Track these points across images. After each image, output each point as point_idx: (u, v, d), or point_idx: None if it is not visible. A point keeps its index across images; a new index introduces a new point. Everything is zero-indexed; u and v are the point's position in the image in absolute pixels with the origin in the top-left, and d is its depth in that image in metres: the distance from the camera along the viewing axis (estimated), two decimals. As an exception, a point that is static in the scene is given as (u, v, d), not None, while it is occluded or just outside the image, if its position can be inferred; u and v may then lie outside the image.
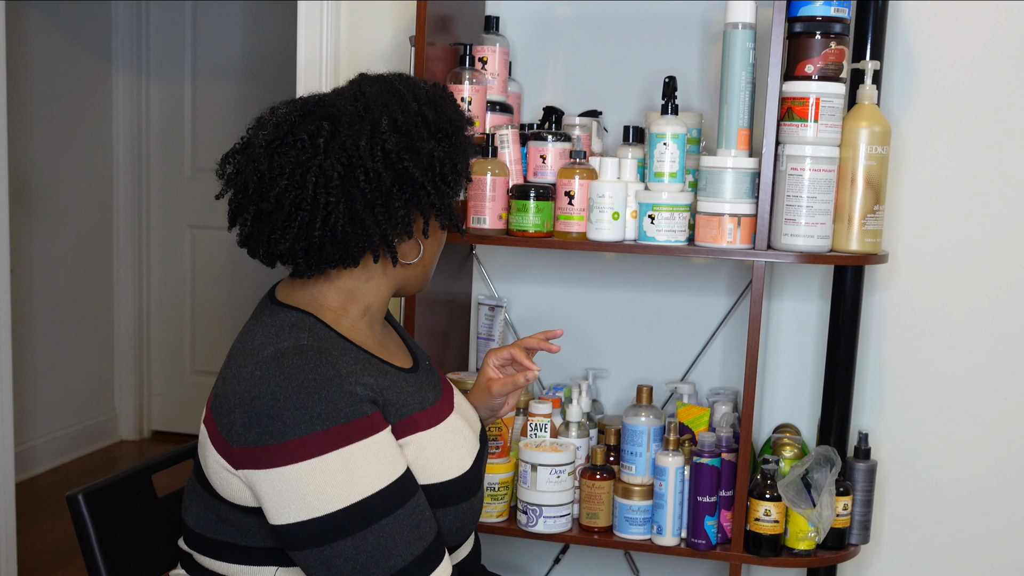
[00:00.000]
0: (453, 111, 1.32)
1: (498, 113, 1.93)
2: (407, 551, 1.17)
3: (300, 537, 1.15)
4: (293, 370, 1.16)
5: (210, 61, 4.00)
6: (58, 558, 2.99)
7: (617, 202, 1.77)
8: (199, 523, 1.28)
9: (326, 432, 1.14)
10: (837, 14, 1.70)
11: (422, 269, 1.36)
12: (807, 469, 1.81)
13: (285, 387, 1.15)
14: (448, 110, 1.31)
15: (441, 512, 1.26)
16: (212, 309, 4.10)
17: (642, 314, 2.15)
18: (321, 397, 1.15)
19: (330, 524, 1.14)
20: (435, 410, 1.31)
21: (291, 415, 1.14)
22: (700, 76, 2.07)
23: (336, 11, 2.21)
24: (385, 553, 1.16)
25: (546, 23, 2.13)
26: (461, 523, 1.29)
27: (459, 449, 1.31)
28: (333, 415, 1.15)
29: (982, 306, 2.02)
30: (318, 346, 1.20)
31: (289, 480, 1.14)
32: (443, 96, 1.32)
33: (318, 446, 1.14)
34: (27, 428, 3.57)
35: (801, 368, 2.09)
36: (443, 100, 1.31)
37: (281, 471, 1.14)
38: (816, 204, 1.72)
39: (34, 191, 3.57)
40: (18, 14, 3.40)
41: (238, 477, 1.19)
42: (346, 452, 1.15)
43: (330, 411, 1.15)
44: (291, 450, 1.14)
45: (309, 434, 1.14)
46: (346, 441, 1.15)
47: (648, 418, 1.84)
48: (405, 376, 1.32)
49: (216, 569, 1.28)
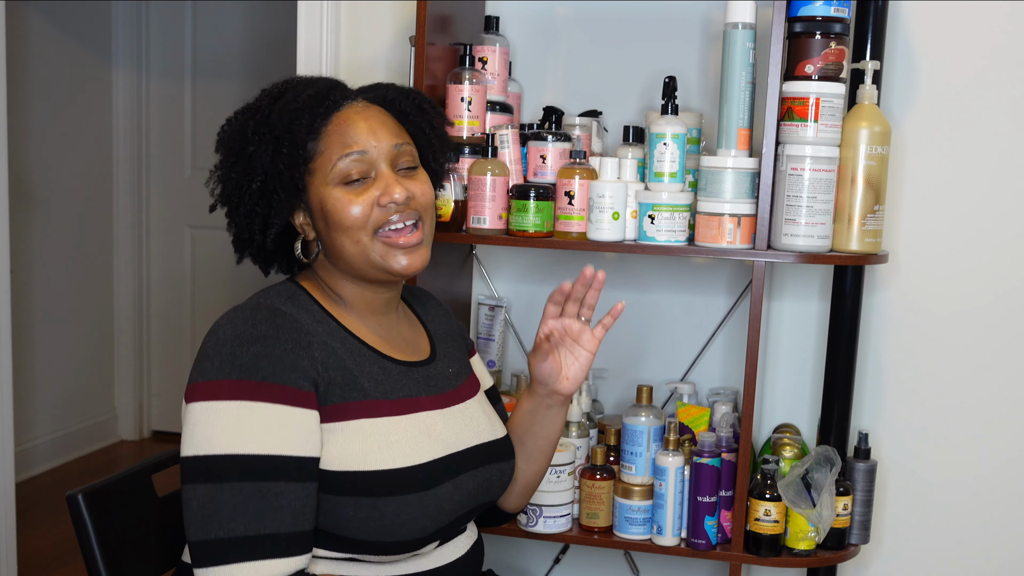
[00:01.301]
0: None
1: (498, 113, 1.93)
2: (253, 524, 1.17)
3: (184, 472, 1.21)
4: (239, 321, 1.24)
5: (210, 60, 4.00)
6: (58, 558, 2.99)
7: (617, 202, 1.77)
8: None
9: (236, 382, 1.20)
10: (837, 14, 1.70)
11: (329, 252, 1.34)
12: (807, 469, 1.81)
13: (227, 334, 1.23)
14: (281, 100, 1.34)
15: (383, 500, 1.24)
16: (212, 309, 4.09)
17: (642, 314, 2.15)
18: (249, 351, 1.21)
19: (200, 464, 1.19)
20: (403, 403, 1.32)
21: (219, 359, 1.21)
22: (700, 76, 2.07)
23: (336, 11, 2.21)
24: (232, 514, 1.17)
25: (546, 23, 2.13)
26: (408, 515, 1.26)
27: (415, 442, 1.29)
28: (251, 369, 1.20)
29: (982, 306, 2.02)
30: (276, 308, 1.27)
31: (192, 415, 1.21)
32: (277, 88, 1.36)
33: (224, 391, 1.20)
34: (27, 428, 3.57)
35: (801, 368, 2.09)
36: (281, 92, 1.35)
37: (191, 406, 1.21)
38: (816, 204, 1.72)
39: (34, 191, 3.57)
40: (18, 14, 3.40)
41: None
42: (244, 406, 1.19)
43: (249, 365, 1.20)
44: (205, 389, 1.21)
45: (224, 379, 1.20)
46: (250, 396, 1.20)
47: (648, 418, 1.84)
48: (386, 365, 1.33)
49: None
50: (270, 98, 1.34)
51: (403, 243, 1.32)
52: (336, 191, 1.30)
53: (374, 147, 1.31)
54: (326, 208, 1.30)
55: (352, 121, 1.32)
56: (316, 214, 1.32)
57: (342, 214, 1.29)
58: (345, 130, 1.31)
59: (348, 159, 1.30)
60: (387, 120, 1.35)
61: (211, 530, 1.17)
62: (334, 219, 1.30)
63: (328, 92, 1.33)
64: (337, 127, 1.31)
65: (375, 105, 1.36)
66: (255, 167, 1.30)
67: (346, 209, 1.29)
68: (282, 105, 1.31)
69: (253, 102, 1.35)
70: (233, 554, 1.17)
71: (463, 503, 1.35)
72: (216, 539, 1.17)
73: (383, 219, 1.31)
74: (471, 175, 1.82)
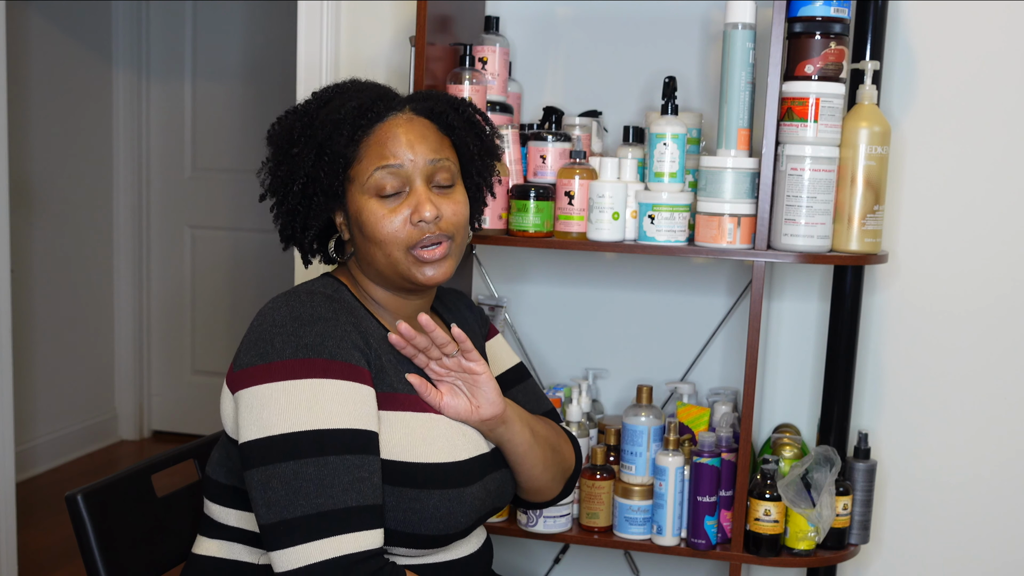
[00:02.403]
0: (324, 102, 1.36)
1: (498, 113, 1.93)
2: (341, 497, 1.18)
3: (252, 455, 1.19)
4: (296, 304, 1.25)
5: (210, 61, 4.00)
6: (58, 558, 2.99)
7: (617, 202, 1.77)
8: (215, 469, 1.34)
9: (307, 361, 1.20)
10: (837, 14, 1.70)
11: (362, 258, 1.35)
12: (807, 469, 1.81)
13: (285, 316, 1.24)
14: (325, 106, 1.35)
15: (425, 493, 1.26)
16: (212, 309, 4.10)
17: (642, 314, 2.15)
18: (313, 331, 1.22)
19: (281, 444, 1.18)
20: None
21: (281, 340, 1.22)
22: (700, 76, 2.07)
23: (336, 11, 2.21)
24: (320, 488, 1.17)
25: (546, 23, 2.13)
26: (447, 510, 1.28)
27: (453, 440, 1.32)
28: (318, 347, 1.21)
29: (982, 306, 2.02)
30: (329, 294, 1.29)
31: (260, 397, 1.20)
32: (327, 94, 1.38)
33: (295, 371, 1.20)
34: (27, 428, 3.56)
35: (801, 368, 2.09)
36: (328, 98, 1.37)
37: (257, 389, 1.20)
38: (816, 204, 1.72)
39: (34, 191, 3.57)
40: (18, 14, 3.40)
41: (234, 403, 1.25)
42: (318, 384, 1.20)
43: (317, 344, 1.21)
44: (271, 370, 1.20)
45: (291, 359, 1.20)
46: (323, 374, 1.20)
47: (648, 418, 1.84)
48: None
49: (221, 519, 1.32)
50: (319, 102, 1.36)
51: (427, 257, 1.33)
52: (371, 202, 1.31)
53: (410, 161, 1.32)
54: (361, 218, 1.32)
55: (393, 134, 1.32)
56: (352, 220, 1.34)
57: (376, 227, 1.31)
58: (384, 142, 1.32)
59: (383, 171, 1.31)
60: (429, 133, 1.35)
61: (298, 507, 1.17)
62: (368, 230, 1.32)
63: (373, 104, 1.33)
64: (377, 139, 1.32)
65: (420, 117, 1.36)
66: (298, 169, 1.32)
67: (380, 223, 1.31)
68: (327, 113, 1.32)
69: (303, 104, 1.38)
70: (326, 528, 1.17)
71: (487, 502, 1.37)
72: (303, 516, 1.17)
73: (417, 238, 1.32)
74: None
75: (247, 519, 1.30)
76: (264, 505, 1.18)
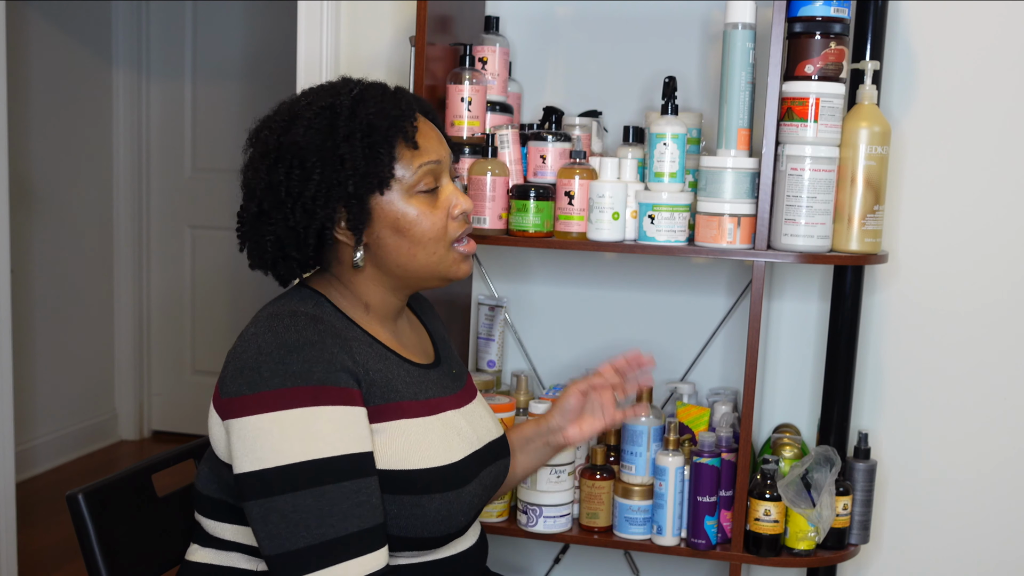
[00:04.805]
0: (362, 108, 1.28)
1: (498, 113, 1.93)
2: (342, 524, 1.18)
3: (249, 488, 1.19)
4: (281, 329, 1.22)
5: (210, 61, 4.00)
6: (58, 558, 2.99)
7: (617, 202, 1.77)
8: (205, 485, 1.32)
9: (296, 389, 1.19)
10: (837, 14, 1.70)
11: (393, 261, 1.31)
12: (807, 469, 1.81)
13: (270, 343, 1.21)
14: (360, 108, 1.28)
15: (426, 498, 1.27)
16: (212, 309, 4.10)
17: (642, 314, 2.15)
18: (300, 357, 1.20)
19: (276, 476, 1.17)
20: (431, 403, 1.34)
21: (268, 369, 1.19)
22: (700, 76, 2.07)
23: (336, 11, 2.21)
24: (320, 518, 1.17)
25: (546, 23, 2.13)
26: (447, 511, 1.29)
27: (449, 441, 1.33)
28: (306, 375, 1.19)
29: (982, 306, 2.02)
30: (312, 314, 1.26)
31: (252, 429, 1.19)
32: (363, 96, 1.30)
33: (285, 400, 1.18)
34: (27, 428, 3.57)
35: (801, 368, 2.09)
36: (362, 100, 1.29)
37: (248, 420, 1.19)
38: (816, 204, 1.72)
39: (34, 191, 3.57)
40: (18, 14, 3.40)
41: (224, 429, 1.24)
42: (309, 412, 1.19)
43: (304, 371, 1.20)
44: (261, 401, 1.19)
45: (279, 388, 1.18)
46: (313, 402, 1.19)
47: (648, 418, 1.84)
48: (410, 368, 1.35)
49: (216, 532, 1.31)
50: (352, 100, 1.28)
51: (465, 251, 1.35)
52: (413, 201, 1.29)
53: (444, 156, 1.33)
54: (406, 219, 1.28)
55: (423, 131, 1.32)
56: (379, 224, 1.28)
57: (422, 226, 1.29)
58: (419, 139, 1.30)
59: (426, 167, 1.30)
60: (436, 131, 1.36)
61: (300, 539, 1.17)
62: (416, 230, 1.29)
63: (410, 107, 1.30)
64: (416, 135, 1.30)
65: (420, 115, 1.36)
66: (344, 171, 1.25)
67: (426, 221, 1.29)
68: (376, 109, 1.26)
69: (328, 103, 1.28)
70: (330, 557, 1.17)
71: (482, 497, 1.39)
72: (307, 547, 1.17)
73: (460, 231, 1.33)
74: (471, 175, 1.82)
75: (244, 533, 1.29)
76: (266, 537, 1.18)
